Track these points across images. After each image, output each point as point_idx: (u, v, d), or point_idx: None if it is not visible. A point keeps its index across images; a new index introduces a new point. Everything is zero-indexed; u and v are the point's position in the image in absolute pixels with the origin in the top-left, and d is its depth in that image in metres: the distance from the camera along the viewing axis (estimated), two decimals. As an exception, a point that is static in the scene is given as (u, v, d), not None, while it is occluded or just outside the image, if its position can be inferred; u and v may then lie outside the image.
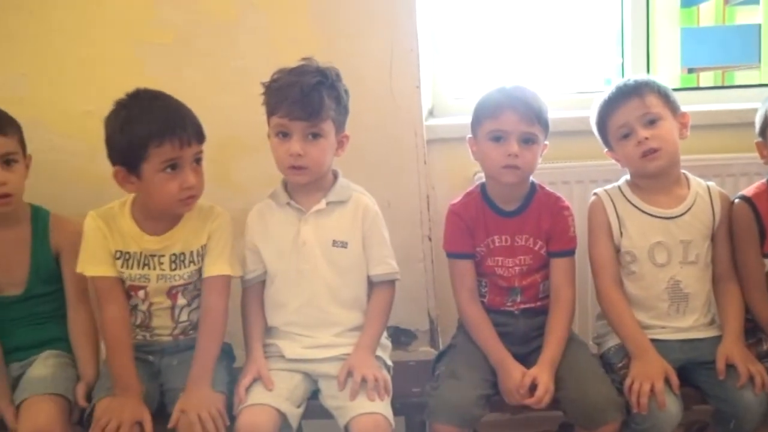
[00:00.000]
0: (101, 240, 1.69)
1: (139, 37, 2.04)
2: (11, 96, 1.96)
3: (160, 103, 1.65)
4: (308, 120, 1.63)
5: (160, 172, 1.61)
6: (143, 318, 1.75)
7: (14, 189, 1.70)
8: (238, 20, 2.04)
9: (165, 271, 1.71)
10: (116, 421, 1.55)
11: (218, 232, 1.73)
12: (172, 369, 1.73)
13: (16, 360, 1.74)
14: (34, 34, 2.04)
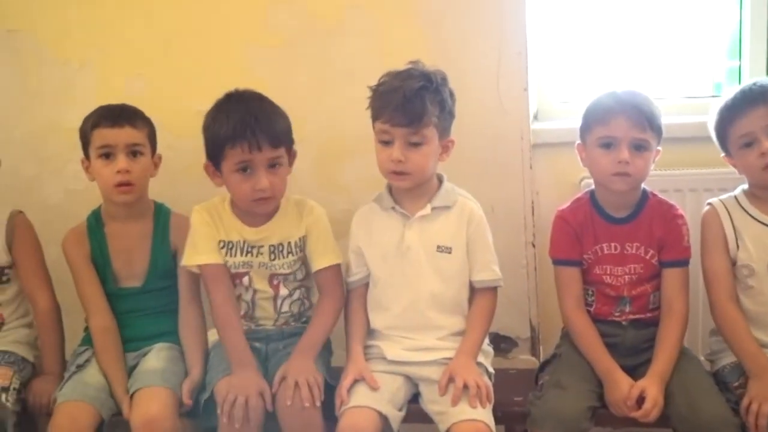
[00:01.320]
0: (207, 231, 1.74)
1: (250, 40, 2.09)
2: (128, 95, 2.04)
3: (243, 105, 1.68)
4: (409, 126, 1.62)
5: (235, 173, 1.67)
6: (247, 308, 1.79)
7: (136, 179, 1.77)
8: (345, 23, 2.06)
9: (265, 260, 1.75)
10: (243, 396, 1.60)
11: (318, 225, 1.76)
12: (278, 354, 1.77)
13: (132, 350, 1.81)
14: (152, 36, 2.12)
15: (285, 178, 1.72)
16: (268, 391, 1.64)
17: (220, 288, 1.74)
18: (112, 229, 1.84)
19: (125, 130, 1.77)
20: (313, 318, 1.77)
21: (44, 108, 2.16)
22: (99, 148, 1.77)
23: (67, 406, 1.66)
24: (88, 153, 1.81)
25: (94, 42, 2.13)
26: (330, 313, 1.75)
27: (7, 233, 1.83)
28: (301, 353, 1.69)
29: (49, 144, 2.17)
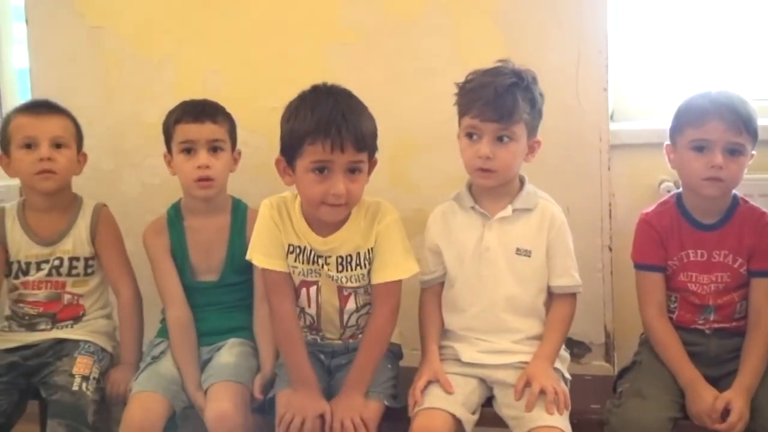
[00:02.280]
0: (274, 232, 1.67)
1: (325, 37, 2.08)
2: (206, 91, 2.06)
3: (330, 101, 1.57)
4: (500, 122, 1.59)
5: (310, 172, 1.56)
6: (311, 321, 1.74)
7: (217, 175, 1.79)
8: (421, 21, 2.04)
9: (332, 272, 1.67)
10: (300, 417, 1.58)
11: (385, 234, 1.66)
12: (342, 369, 1.74)
13: (206, 344, 1.82)
14: (228, 33, 2.14)
15: (362, 186, 1.60)
16: (329, 413, 1.60)
17: (283, 300, 1.67)
18: (191, 223, 1.86)
19: (207, 126, 1.79)
20: (363, 343, 1.68)
21: (124, 103, 2.20)
22: (181, 143, 1.79)
23: (141, 396, 1.68)
24: (170, 147, 1.83)
25: (173, 39, 2.16)
26: (381, 337, 1.67)
27: (92, 226, 1.87)
28: (350, 389, 1.63)
29: (128, 138, 2.21)
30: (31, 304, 1.85)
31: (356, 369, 1.66)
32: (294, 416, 1.59)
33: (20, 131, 1.78)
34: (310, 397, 1.62)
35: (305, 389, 1.63)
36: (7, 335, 1.85)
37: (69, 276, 1.85)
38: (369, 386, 1.66)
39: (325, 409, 1.61)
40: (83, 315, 1.87)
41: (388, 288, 1.67)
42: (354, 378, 1.65)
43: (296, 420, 1.58)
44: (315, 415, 1.59)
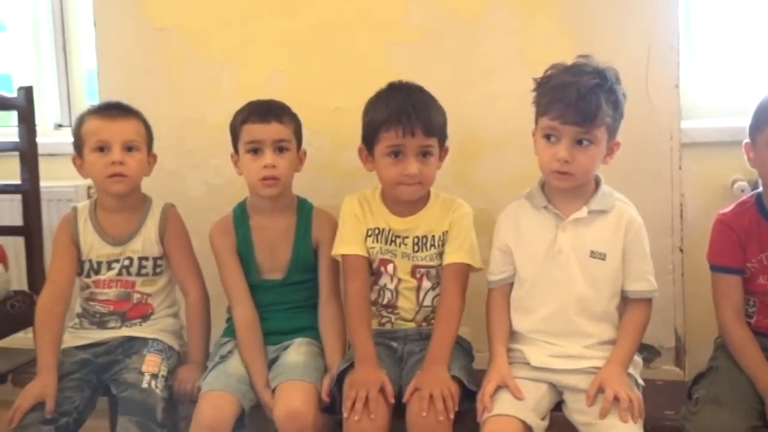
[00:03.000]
0: (355, 221, 1.80)
1: (388, 36, 2.07)
2: (269, 92, 2.06)
3: (404, 94, 1.73)
4: (581, 125, 1.55)
5: (386, 156, 1.71)
6: (390, 297, 1.80)
7: (282, 174, 1.80)
8: (485, 18, 2.02)
9: (408, 251, 1.77)
10: (363, 391, 1.60)
11: (460, 222, 1.77)
12: (414, 356, 1.74)
13: (272, 343, 1.83)
14: (291, 33, 2.14)
15: (434, 168, 1.74)
16: (389, 385, 1.63)
17: (357, 280, 1.77)
18: (256, 222, 1.87)
19: (272, 126, 1.80)
20: (437, 321, 1.74)
21: (188, 104, 2.22)
22: (247, 143, 1.80)
23: (211, 395, 1.69)
24: (237, 147, 1.85)
25: (237, 40, 2.17)
26: (453, 314, 1.73)
27: (160, 226, 1.88)
28: (433, 362, 1.66)
29: (192, 139, 2.23)
30: (102, 303, 1.87)
31: (435, 343, 1.69)
32: (358, 390, 1.60)
33: (93, 135, 1.81)
34: (370, 370, 1.65)
35: (366, 364, 1.67)
36: (79, 332, 1.88)
37: (138, 275, 1.87)
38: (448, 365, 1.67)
39: (385, 381, 1.63)
40: (151, 314, 1.89)
41: (458, 269, 1.75)
42: (434, 352, 1.68)
43: (361, 393, 1.59)
44: (377, 387, 1.61)
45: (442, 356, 1.67)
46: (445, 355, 1.68)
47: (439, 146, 1.74)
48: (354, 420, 1.58)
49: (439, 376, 1.63)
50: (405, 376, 1.70)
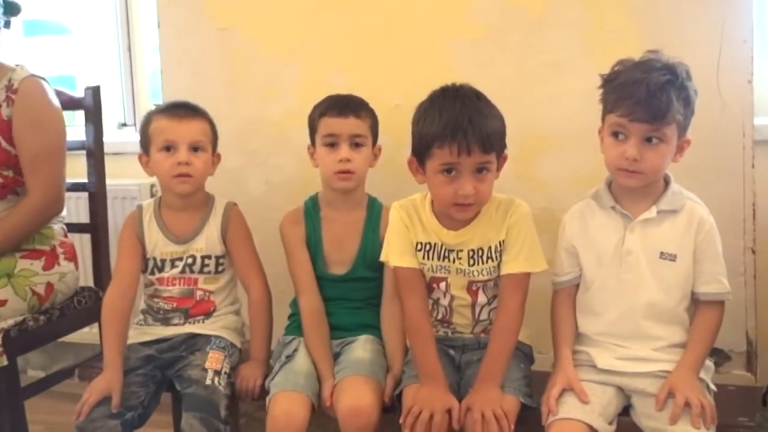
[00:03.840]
0: (403, 231, 1.72)
1: (451, 32, 2.05)
2: (328, 90, 2.06)
3: (458, 104, 1.59)
4: (651, 123, 1.50)
5: (439, 174, 1.60)
6: (444, 313, 1.76)
7: (357, 168, 1.81)
8: (550, 13, 1.98)
9: (464, 266, 1.70)
10: (428, 411, 1.56)
11: (517, 227, 1.68)
12: (472, 366, 1.71)
13: (334, 338, 1.83)
14: (352, 31, 2.13)
15: (491, 185, 1.63)
16: (457, 408, 1.59)
17: (414, 295, 1.70)
18: (327, 214, 1.88)
19: (350, 120, 1.80)
20: (492, 336, 1.68)
21: (250, 103, 2.24)
22: (324, 136, 1.81)
23: (282, 396, 1.69)
24: (314, 140, 1.86)
25: (297, 38, 2.18)
26: (510, 329, 1.66)
27: (223, 224, 1.90)
28: (485, 381, 1.61)
29: (253, 137, 2.25)
30: (166, 300, 1.90)
31: (488, 361, 1.64)
32: (422, 410, 1.57)
33: (161, 134, 1.83)
34: (438, 391, 1.61)
35: (433, 384, 1.62)
36: (143, 329, 1.91)
37: (201, 273, 1.89)
38: (503, 381, 1.63)
39: (453, 404, 1.59)
40: (214, 311, 1.91)
41: (517, 279, 1.67)
42: (487, 370, 1.63)
43: (424, 413, 1.56)
44: (443, 410, 1.57)
45: (495, 374, 1.62)
46: (498, 372, 1.63)
47: (497, 159, 1.63)
48: None
49: (491, 395, 1.59)
50: (463, 386, 1.68)
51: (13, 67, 2.06)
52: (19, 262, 2.00)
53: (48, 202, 2.04)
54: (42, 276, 2.03)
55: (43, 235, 2.08)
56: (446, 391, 1.62)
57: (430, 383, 1.62)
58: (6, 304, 1.92)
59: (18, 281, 1.97)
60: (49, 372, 2.75)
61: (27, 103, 2.02)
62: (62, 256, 2.11)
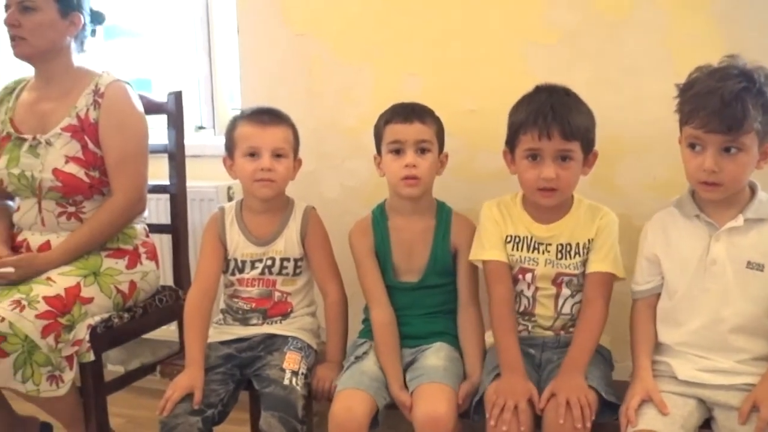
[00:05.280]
0: (494, 227, 1.78)
1: (525, 37, 2.04)
2: (402, 95, 2.07)
3: (546, 95, 1.69)
4: (727, 134, 1.47)
5: (524, 159, 1.69)
6: (527, 304, 1.78)
7: (423, 174, 1.81)
8: (629, 18, 1.95)
9: (552, 258, 1.75)
10: (512, 401, 1.58)
11: (606, 230, 1.73)
12: (551, 364, 1.72)
13: (408, 347, 1.84)
14: (426, 36, 2.14)
15: (575, 174, 1.69)
16: (537, 397, 1.60)
17: (500, 286, 1.75)
18: (395, 223, 1.89)
19: (415, 126, 1.81)
20: (578, 328, 1.72)
21: (325, 107, 2.28)
22: (390, 143, 1.83)
23: (346, 393, 1.72)
24: (380, 149, 1.87)
25: (372, 43, 2.20)
26: (595, 323, 1.70)
27: (302, 228, 1.94)
28: (571, 369, 1.63)
29: (328, 141, 2.28)
30: (245, 300, 1.94)
31: (574, 350, 1.66)
32: (506, 400, 1.58)
33: (245, 140, 1.87)
34: (519, 380, 1.63)
35: (514, 374, 1.64)
36: (223, 328, 1.96)
37: (279, 275, 1.93)
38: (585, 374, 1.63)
39: (534, 393, 1.61)
40: (291, 312, 1.95)
41: (603, 278, 1.72)
42: (572, 359, 1.65)
43: (509, 403, 1.58)
44: (526, 398, 1.59)
45: (581, 363, 1.64)
46: (583, 362, 1.65)
47: (583, 151, 1.68)
48: (502, 430, 1.56)
49: (576, 382, 1.60)
50: (543, 384, 1.67)
51: (99, 73, 2.15)
52: (105, 261, 2.08)
53: (131, 202, 2.11)
54: (126, 274, 2.10)
55: (126, 235, 2.15)
56: (526, 379, 1.64)
57: (511, 373, 1.64)
58: (93, 301, 1.99)
59: (104, 279, 2.04)
60: (127, 366, 2.85)
61: (112, 107, 2.09)
62: (144, 255, 2.18)
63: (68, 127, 2.07)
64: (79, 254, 2.04)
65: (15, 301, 1.85)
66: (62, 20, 2.09)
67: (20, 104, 2.16)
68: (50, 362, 1.84)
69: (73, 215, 2.09)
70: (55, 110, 2.10)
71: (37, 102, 2.14)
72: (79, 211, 2.09)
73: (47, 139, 2.07)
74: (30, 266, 1.97)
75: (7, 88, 2.22)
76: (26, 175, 2.06)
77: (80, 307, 1.95)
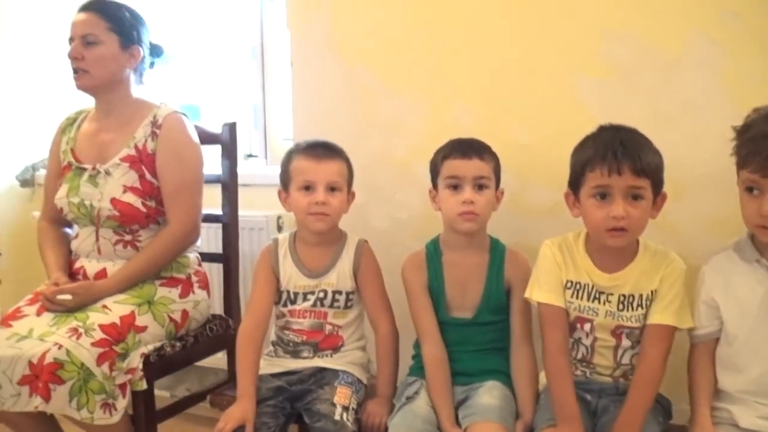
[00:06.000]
0: (554, 268, 1.72)
1: (579, 72, 2.03)
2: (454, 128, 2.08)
3: (612, 133, 1.64)
4: None
5: (591, 198, 1.62)
6: (585, 352, 1.74)
7: (480, 210, 1.81)
8: (686, 54, 1.92)
9: (613, 309, 1.68)
10: None
11: (671, 279, 1.66)
12: (609, 412, 1.68)
13: (460, 384, 1.82)
14: (479, 70, 2.14)
15: (645, 214, 1.61)
16: None
17: (556, 334, 1.70)
18: (449, 259, 1.89)
19: (473, 162, 1.81)
20: (633, 384, 1.64)
21: (377, 140, 2.29)
22: (447, 178, 1.83)
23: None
24: (436, 183, 1.88)
25: (425, 77, 2.21)
26: (652, 380, 1.63)
27: (354, 261, 1.94)
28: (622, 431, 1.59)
29: (379, 174, 2.29)
30: (296, 332, 1.95)
31: (627, 410, 1.61)
32: None
33: (300, 174, 1.90)
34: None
35: (569, 425, 1.61)
36: (274, 360, 1.97)
37: (331, 308, 1.94)
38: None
39: None
40: (342, 346, 1.95)
41: (664, 331, 1.65)
42: (625, 420, 1.60)
43: None
44: None
45: (634, 425, 1.58)
46: (637, 424, 1.59)
47: (652, 190, 1.62)
48: None
49: None
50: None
51: (157, 105, 2.19)
52: (159, 290, 2.11)
53: (186, 231, 2.14)
54: (178, 303, 2.13)
55: (180, 264, 2.18)
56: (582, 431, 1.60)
57: (566, 425, 1.61)
58: (147, 330, 2.02)
59: (157, 308, 2.07)
60: (173, 392, 2.87)
61: (169, 137, 2.14)
62: (196, 284, 2.21)
63: (126, 158, 2.12)
64: (135, 282, 2.08)
65: (72, 329, 1.88)
66: (123, 53, 2.14)
67: (81, 135, 2.22)
68: (104, 390, 1.87)
69: (130, 243, 2.13)
70: (114, 141, 2.15)
71: (97, 133, 2.19)
72: (135, 239, 2.13)
73: (106, 169, 2.11)
74: (87, 294, 2.01)
75: (69, 118, 2.29)
76: (85, 204, 2.11)
77: (134, 336, 1.98)
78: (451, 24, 2.16)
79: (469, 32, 2.14)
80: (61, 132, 2.26)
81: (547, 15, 2.04)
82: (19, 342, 1.86)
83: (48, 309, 1.99)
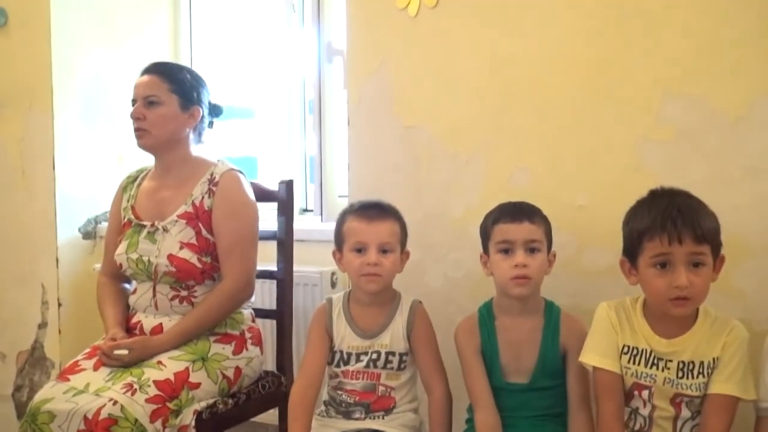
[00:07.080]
0: (610, 332, 1.69)
1: (639, 133, 2.00)
2: (510, 188, 2.10)
3: (667, 199, 1.62)
4: None
5: (651, 267, 1.58)
6: (643, 424, 1.68)
7: (533, 274, 1.79)
8: (750, 116, 1.88)
9: (672, 377, 1.63)
10: None
11: (734, 346, 1.61)
12: None
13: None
14: (536, 130, 2.13)
15: (708, 280, 1.58)
16: None
17: (611, 402, 1.66)
18: (502, 323, 1.86)
19: (524, 226, 1.80)
20: None
21: (432, 199, 2.29)
22: (499, 242, 1.82)
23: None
24: (486, 248, 1.86)
25: (481, 137, 2.21)
26: None
27: (408, 322, 1.93)
28: None
29: (434, 232, 2.28)
30: (349, 393, 1.93)
31: None
32: None
33: (353, 236, 1.91)
34: None
35: None
36: (326, 420, 1.95)
37: (384, 369, 1.92)
38: None
39: None
40: (394, 407, 1.92)
41: (726, 402, 1.60)
42: None
43: None
44: None
45: None
46: None
47: (712, 255, 1.59)
48: None
49: None
50: None
51: (215, 162, 2.24)
52: (213, 346, 2.12)
53: (240, 287, 2.16)
54: (232, 360, 2.14)
55: (234, 320, 2.20)
56: None
57: None
58: (200, 386, 2.03)
59: (211, 365, 2.08)
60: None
61: (226, 195, 2.17)
62: (250, 341, 2.21)
63: (184, 215, 2.16)
64: (190, 338, 2.10)
65: (127, 384, 1.90)
66: (183, 113, 2.20)
67: (141, 192, 2.27)
68: (157, 447, 1.87)
69: (185, 299, 2.15)
70: (173, 198, 2.20)
71: (156, 190, 2.24)
72: (191, 295, 2.16)
73: (164, 226, 2.16)
74: (143, 349, 2.03)
75: (130, 176, 2.35)
76: (143, 260, 2.15)
77: (188, 392, 1.98)
78: (509, 84, 2.17)
79: (528, 92, 2.14)
80: (122, 190, 2.33)
81: (607, 75, 2.03)
82: (76, 396, 1.88)
83: (105, 364, 2.01)
